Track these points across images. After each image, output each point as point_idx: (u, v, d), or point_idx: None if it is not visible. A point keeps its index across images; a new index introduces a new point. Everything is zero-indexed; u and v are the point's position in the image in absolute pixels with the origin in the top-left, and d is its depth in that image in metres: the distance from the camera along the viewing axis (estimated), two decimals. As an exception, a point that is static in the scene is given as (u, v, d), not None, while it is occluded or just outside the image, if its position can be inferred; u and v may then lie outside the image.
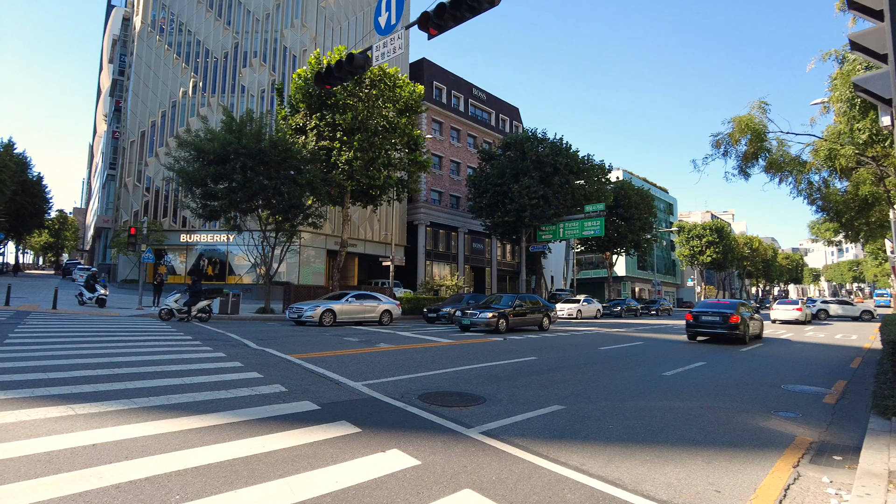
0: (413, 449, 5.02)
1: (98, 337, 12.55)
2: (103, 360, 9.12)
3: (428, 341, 15.69)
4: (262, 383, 7.90)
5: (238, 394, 7.09)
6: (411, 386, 8.31)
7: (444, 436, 5.56)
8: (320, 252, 42.62)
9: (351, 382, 8.31)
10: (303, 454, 4.70)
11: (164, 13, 44.67)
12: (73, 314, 18.97)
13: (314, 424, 5.72)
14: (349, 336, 16.30)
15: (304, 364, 9.94)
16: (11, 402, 6.01)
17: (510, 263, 58.25)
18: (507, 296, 21.72)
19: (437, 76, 51.85)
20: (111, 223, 49.32)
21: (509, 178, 38.07)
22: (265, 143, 23.38)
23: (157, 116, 43.64)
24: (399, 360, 11.32)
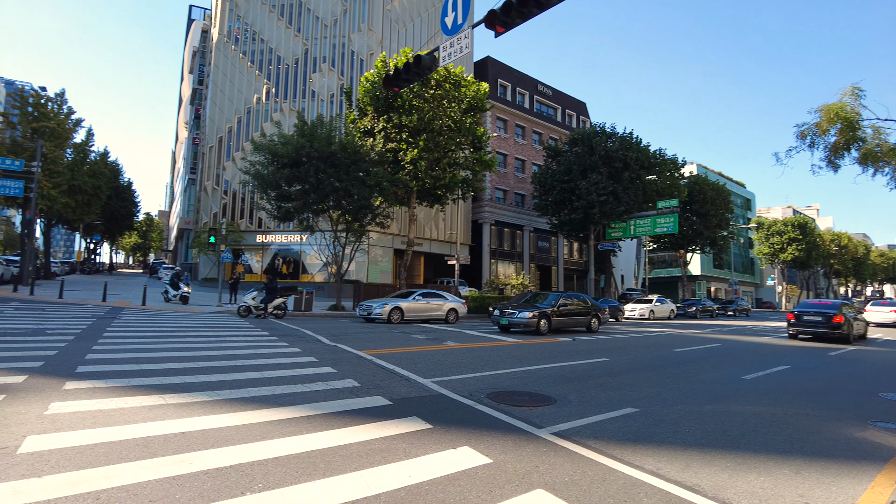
0: (484, 447, 5.03)
1: (183, 332, 13.33)
2: (189, 354, 9.69)
3: (495, 340, 15.66)
4: (336, 378, 8.15)
5: (313, 388, 7.34)
6: (480, 384, 8.32)
7: (514, 435, 5.54)
8: (387, 251, 43.39)
9: (420, 379, 8.42)
10: (376, 448, 4.81)
11: (239, 23, 46.82)
12: (160, 310, 20.24)
13: (386, 419, 5.84)
14: (417, 334, 16.52)
15: (374, 360, 10.16)
16: (112, 390, 6.49)
17: (578, 262, 57.18)
18: (553, 294, 20.72)
19: (501, 74, 51.60)
20: (192, 224, 52.24)
21: (576, 174, 37.34)
22: (335, 146, 24.07)
23: (234, 122, 45.81)
24: (466, 358, 11.36)
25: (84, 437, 4.64)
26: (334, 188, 23.94)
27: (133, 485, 3.70)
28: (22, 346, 9.19)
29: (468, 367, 9.95)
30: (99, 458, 4.18)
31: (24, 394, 6.00)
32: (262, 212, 35.88)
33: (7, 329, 11.32)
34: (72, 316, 15.49)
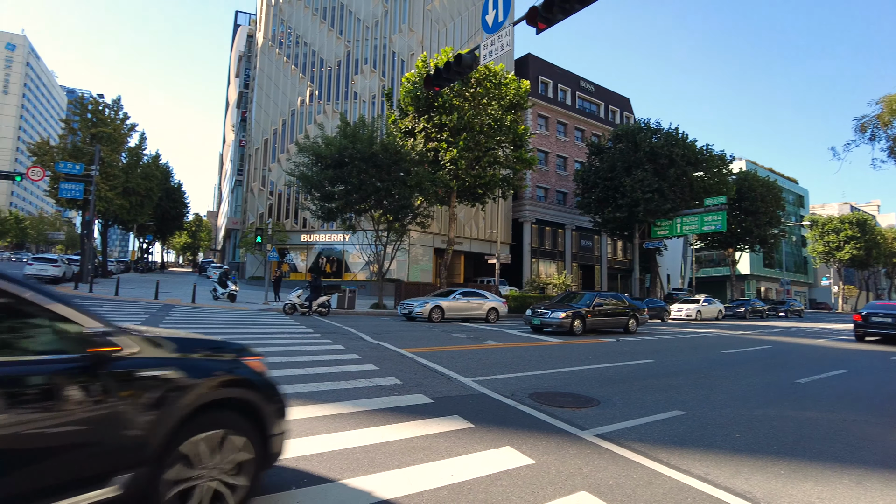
0: (526, 447, 5.00)
1: (231, 329, 13.74)
2: (237, 351, 9.97)
3: (536, 340, 15.54)
4: (379, 375, 8.25)
5: (356, 385, 7.45)
6: (521, 384, 8.27)
7: (557, 436, 5.48)
8: (428, 250, 43.62)
9: (461, 378, 8.43)
10: (418, 446, 4.85)
11: (283, 27, 47.90)
12: (209, 308, 20.90)
13: (428, 417, 5.88)
14: (457, 332, 16.54)
15: (416, 358, 10.23)
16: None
17: (622, 261, 56.16)
18: (588, 294, 19.98)
19: (542, 71, 51.15)
20: (239, 225, 53.76)
21: (620, 171, 36.70)
22: (377, 146, 24.36)
23: (279, 125, 46.90)
24: (507, 357, 11.31)
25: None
26: (376, 188, 24.23)
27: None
28: (82, 341, 9.64)
29: (509, 367, 9.90)
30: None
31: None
32: (306, 212, 36.63)
33: (68, 325, 11.90)
34: (126, 313, 16.17)
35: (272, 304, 24.70)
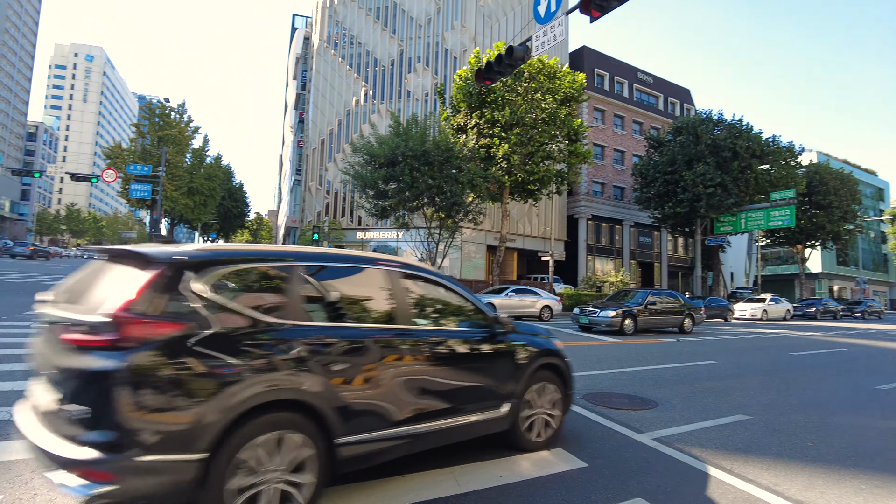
0: (579, 450, 4.81)
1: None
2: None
3: (591, 339, 15.15)
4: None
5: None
6: (575, 385, 8.03)
7: (612, 439, 5.26)
8: (480, 247, 43.46)
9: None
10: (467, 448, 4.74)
11: (338, 28, 48.80)
12: (269, 304, 21.50)
13: (477, 417, 5.76)
14: (510, 330, 16.33)
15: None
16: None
17: (683, 258, 54.28)
18: (641, 291, 19.11)
19: (598, 63, 49.97)
20: (298, 223, 55.19)
21: (681, 165, 35.42)
22: (429, 144, 24.42)
23: (334, 125, 47.83)
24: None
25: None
26: (428, 186, 24.29)
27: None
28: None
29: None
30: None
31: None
32: (361, 210, 37.20)
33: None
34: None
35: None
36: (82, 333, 2.74)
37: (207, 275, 3.01)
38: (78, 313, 2.89)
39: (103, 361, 2.61)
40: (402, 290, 4.01)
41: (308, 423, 3.14)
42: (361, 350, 3.49)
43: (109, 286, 2.98)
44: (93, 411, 2.61)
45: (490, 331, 4.53)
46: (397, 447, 3.65)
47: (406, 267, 4.18)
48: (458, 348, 4.20)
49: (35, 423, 2.92)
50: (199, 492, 2.72)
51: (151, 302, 2.77)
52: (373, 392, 3.49)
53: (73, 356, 2.74)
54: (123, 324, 2.66)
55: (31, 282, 21.57)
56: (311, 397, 3.14)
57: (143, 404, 2.60)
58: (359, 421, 3.38)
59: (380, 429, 3.51)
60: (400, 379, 3.67)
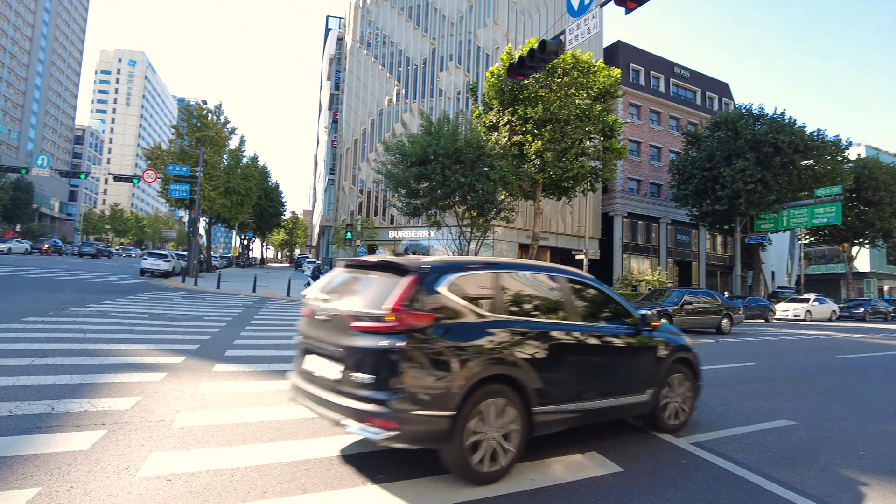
0: (613, 454, 4.65)
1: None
2: (324, 343, 10.21)
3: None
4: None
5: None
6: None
7: (647, 442, 5.08)
8: (513, 246, 43.18)
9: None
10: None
11: (371, 28, 49.13)
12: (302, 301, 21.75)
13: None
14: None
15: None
16: (253, 373, 6.97)
17: (721, 257, 52.89)
18: (678, 290, 18.61)
19: (633, 58, 49.05)
20: (332, 222, 55.83)
21: (720, 160, 34.44)
22: (460, 142, 24.33)
23: (367, 124, 48.19)
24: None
25: (227, 417, 4.98)
26: (459, 184, 24.20)
27: (264, 465, 3.86)
28: (184, 331, 10.26)
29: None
30: (237, 437, 4.44)
31: (181, 373, 6.62)
32: (393, 208, 37.37)
33: (175, 315, 12.74)
34: (226, 304, 17.14)
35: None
36: (369, 322, 3.79)
37: (445, 279, 4.02)
38: (359, 308, 3.98)
39: (385, 342, 3.64)
40: (569, 293, 4.90)
41: (514, 394, 4.04)
42: (546, 339, 4.35)
43: (376, 288, 4.06)
44: (378, 377, 3.62)
45: (637, 328, 5.26)
46: (570, 419, 4.52)
47: (572, 274, 5.10)
48: (614, 341, 5.02)
49: (315, 387, 4.09)
50: (447, 440, 3.70)
51: (414, 298, 3.78)
52: (555, 373, 4.36)
53: (361, 338, 3.79)
54: (399, 314, 3.68)
55: (102, 281, 22.32)
56: (516, 374, 4.05)
57: (413, 372, 3.61)
58: (547, 395, 4.24)
59: (561, 402, 4.40)
60: (573, 364, 4.58)
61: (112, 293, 17.59)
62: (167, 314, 12.81)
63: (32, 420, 4.50)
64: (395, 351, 3.60)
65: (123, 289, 19.97)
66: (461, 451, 3.75)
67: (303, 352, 4.49)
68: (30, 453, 3.79)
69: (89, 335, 8.82)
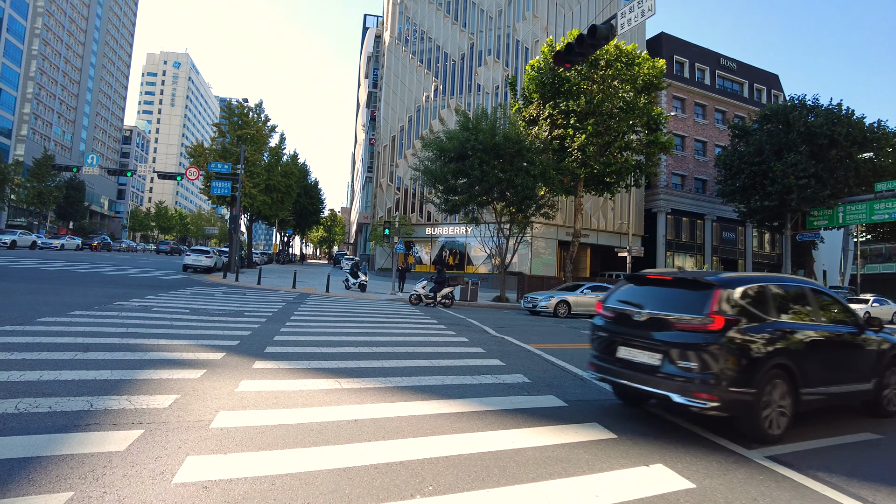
0: (683, 467, 4.23)
1: (360, 318, 13.99)
2: (364, 339, 9.99)
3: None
4: (505, 372, 7.75)
5: (482, 380, 7.01)
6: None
7: (718, 455, 4.64)
8: (551, 243, 42.45)
9: (596, 379, 7.68)
10: (554, 457, 4.27)
11: (409, 24, 48.97)
12: (341, 297, 21.72)
13: (563, 423, 5.27)
14: (586, 329, 15.57)
15: (543, 355, 9.60)
16: (293, 371, 6.76)
17: (769, 255, 50.95)
18: None
19: (677, 50, 47.57)
20: (369, 219, 56.07)
21: (769, 154, 33.01)
22: (499, 137, 23.85)
23: (405, 121, 48.10)
24: (646, 357, 10.31)
25: (265, 418, 4.74)
26: (498, 179, 23.77)
27: (306, 473, 3.60)
28: (224, 326, 10.19)
29: (649, 368, 8.96)
30: (276, 440, 4.19)
31: (220, 370, 6.46)
32: (430, 205, 37.16)
33: (216, 310, 12.74)
34: (266, 300, 17.17)
35: (398, 294, 25.20)
36: (691, 323, 5.07)
37: (738, 290, 5.25)
38: (677, 312, 5.24)
39: (707, 337, 4.92)
40: (814, 300, 6.03)
41: (788, 378, 5.18)
42: (804, 336, 5.49)
43: (685, 296, 5.40)
44: (702, 364, 4.87)
45: (862, 328, 6.24)
46: (820, 400, 5.60)
47: (814, 285, 6.27)
48: (848, 339, 6.08)
49: (633, 371, 5.37)
50: (749, 410, 4.90)
51: (724, 305, 5.04)
52: (811, 363, 5.46)
53: (685, 336, 5.07)
54: (716, 317, 4.95)
55: (146, 276, 22.83)
56: (789, 362, 5.18)
57: (728, 361, 4.85)
58: (808, 380, 5.32)
59: (816, 386, 5.46)
60: (822, 356, 5.70)
61: (155, 288, 17.85)
62: (208, 309, 12.83)
63: (71, 417, 4.36)
64: (716, 345, 4.85)
65: (166, 284, 20.29)
66: (758, 419, 4.95)
67: (612, 343, 5.74)
68: (66, 453, 3.62)
69: (131, 329, 8.80)
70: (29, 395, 4.86)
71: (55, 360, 6.27)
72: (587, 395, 6.71)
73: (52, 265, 23.99)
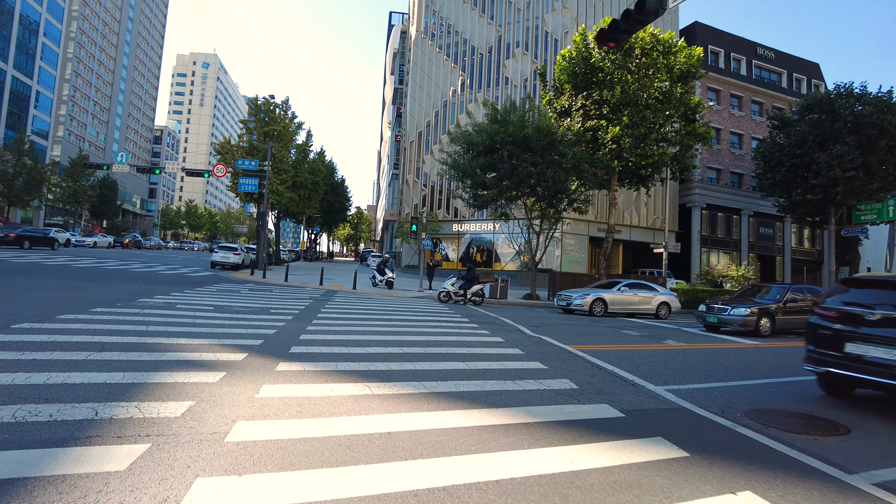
0: (777, 496, 3.55)
1: (388, 315, 13.46)
2: (394, 339, 9.43)
3: (723, 341, 13.32)
4: (549, 376, 7.10)
5: (525, 386, 6.37)
6: (729, 398, 6.62)
7: (814, 480, 3.93)
8: (581, 239, 41.46)
9: (650, 385, 6.98)
10: (622, 481, 3.62)
11: (435, 19, 48.37)
12: (368, 294, 21.28)
13: (624, 438, 4.60)
14: (626, 329, 14.81)
15: (587, 357, 8.91)
16: (319, 374, 6.22)
17: (809, 251, 49.03)
18: (777, 287, 16.61)
19: (711, 39, 45.99)
20: (396, 216, 55.73)
21: (813, 146, 31.42)
22: (529, 129, 23.07)
23: (431, 117, 47.55)
24: (698, 361, 9.53)
25: (289, 430, 4.20)
26: (529, 173, 23.01)
27: (332, 501, 3.03)
28: (248, 324, 9.75)
29: (705, 374, 8.20)
30: (300, 458, 3.63)
31: (241, 373, 5.95)
32: (457, 200, 36.55)
33: (241, 307, 12.35)
34: (293, 297, 16.78)
35: (426, 291, 24.68)
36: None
37: None
38: None
39: None
40: None
41: None
42: None
43: None
44: None
45: None
46: None
47: None
48: None
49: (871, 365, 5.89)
50: None
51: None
52: None
53: None
54: None
55: (173, 273, 22.77)
56: None
57: None
58: None
59: None
60: None
61: (181, 285, 17.63)
62: (233, 306, 12.45)
63: (72, 428, 3.87)
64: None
65: (193, 280, 20.10)
66: None
67: (838, 340, 6.35)
68: (57, 474, 3.12)
69: (151, 327, 8.40)
70: (31, 400, 4.41)
71: (67, 360, 5.85)
72: (643, 403, 6.02)
73: (83, 262, 24.09)
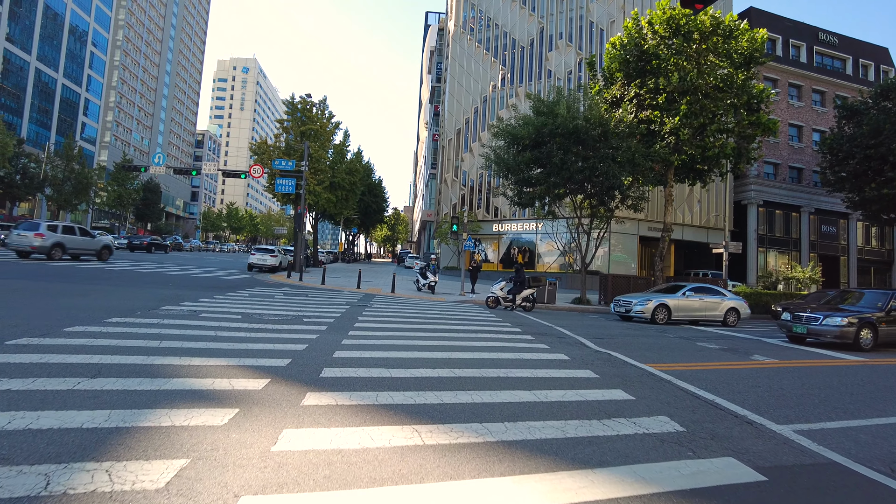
0: None
1: (432, 324, 12.16)
2: (442, 356, 8.10)
3: (824, 356, 11.52)
4: (641, 412, 5.63)
5: (618, 429, 4.92)
6: (888, 445, 5.04)
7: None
8: (629, 238, 39.44)
9: (770, 424, 5.46)
10: None
11: (474, 12, 46.99)
12: (407, 298, 20.09)
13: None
14: (700, 340, 13.14)
15: (674, 381, 7.40)
16: (357, 410, 4.92)
17: (876, 251, 45.65)
18: (873, 293, 14.58)
19: (768, 25, 42.89)
20: (433, 216, 54.59)
21: (889, 135, 28.82)
22: (579, 119, 21.46)
23: (470, 113, 46.21)
24: (808, 385, 7.89)
25: (310, 516, 2.91)
26: (579, 168, 21.39)
27: None
28: (277, 338, 8.60)
29: (829, 405, 6.60)
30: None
31: (258, 409, 4.71)
32: (498, 199, 35.12)
33: (271, 316, 11.27)
34: (329, 302, 15.69)
35: (468, 295, 23.35)
36: None
37: None
38: None
39: None
40: None
41: None
42: None
43: None
44: None
45: None
46: None
47: None
48: None
49: None
50: None
51: None
52: None
53: None
54: None
55: (208, 276, 22.12)
56: None
57: None
58: None
59: None
60: None
61: (213, 289, 16.75)
62: (263, 315, 11.35)
63: (4, 512, 2.68)
64: None
65: (226, 284, 19.27)
66: None
67: None
68: None
69: (165, 343, 7.29)
70: (-30, 460, 3.24)
71: (48, 391, 4.73)
72: (780, 456, 4.51)
73: (118, 265, 23.66)
